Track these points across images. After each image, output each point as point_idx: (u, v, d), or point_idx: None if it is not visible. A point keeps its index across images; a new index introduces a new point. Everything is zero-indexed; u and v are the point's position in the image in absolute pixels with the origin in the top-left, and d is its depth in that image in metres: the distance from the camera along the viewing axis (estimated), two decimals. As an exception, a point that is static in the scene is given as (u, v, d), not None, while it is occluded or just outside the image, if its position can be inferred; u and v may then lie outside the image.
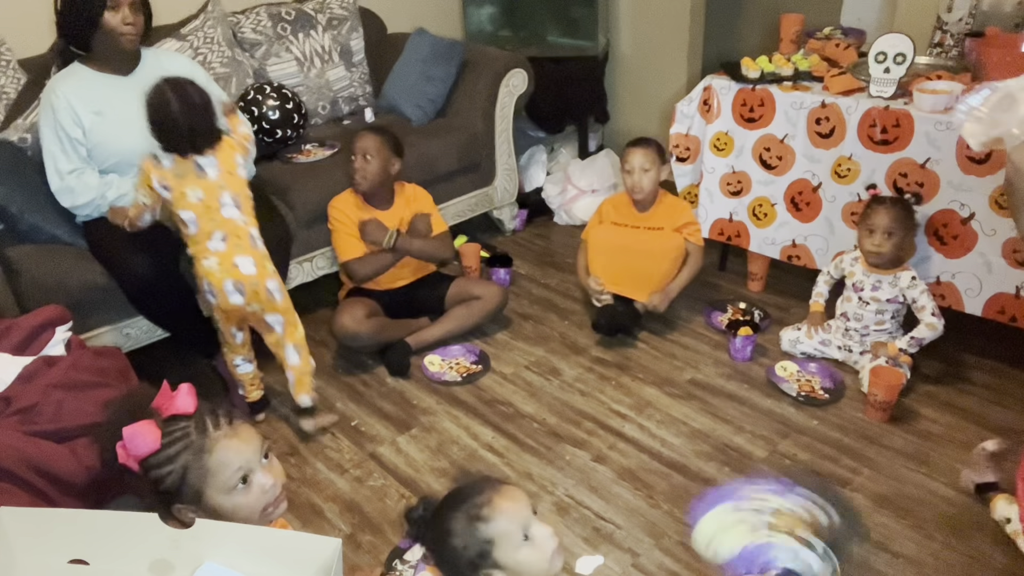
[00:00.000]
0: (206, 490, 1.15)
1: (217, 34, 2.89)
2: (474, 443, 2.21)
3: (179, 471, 1.14)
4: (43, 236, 2.31)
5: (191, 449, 1.15)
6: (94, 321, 2.31)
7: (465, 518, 1.13)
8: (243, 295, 2.05)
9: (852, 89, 2.40)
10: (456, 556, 1.13)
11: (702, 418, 2.24)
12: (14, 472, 1.42)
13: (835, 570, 1.28)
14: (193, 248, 2.06)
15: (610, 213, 2.70)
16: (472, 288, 2.68)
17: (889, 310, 2.29)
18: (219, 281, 2.03)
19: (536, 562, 1.13)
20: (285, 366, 2.18)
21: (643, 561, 1.80)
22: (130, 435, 1.11)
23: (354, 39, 3.27)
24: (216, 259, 2.03)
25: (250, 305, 2.07)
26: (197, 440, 1.15)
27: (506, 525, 1.12)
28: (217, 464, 1.15)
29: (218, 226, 2.02)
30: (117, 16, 2.19)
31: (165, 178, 2.01)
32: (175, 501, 1.15)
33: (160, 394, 1.18)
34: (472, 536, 1.12)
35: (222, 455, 1.15)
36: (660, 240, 2.58)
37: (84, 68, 2.29)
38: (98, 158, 2.29)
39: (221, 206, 2.02)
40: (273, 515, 1.22)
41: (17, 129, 2.42)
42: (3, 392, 1.62)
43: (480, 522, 1.12)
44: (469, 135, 3.11)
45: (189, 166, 2.00)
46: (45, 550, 1.05)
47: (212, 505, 1.16)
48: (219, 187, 2.02)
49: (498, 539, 1.11)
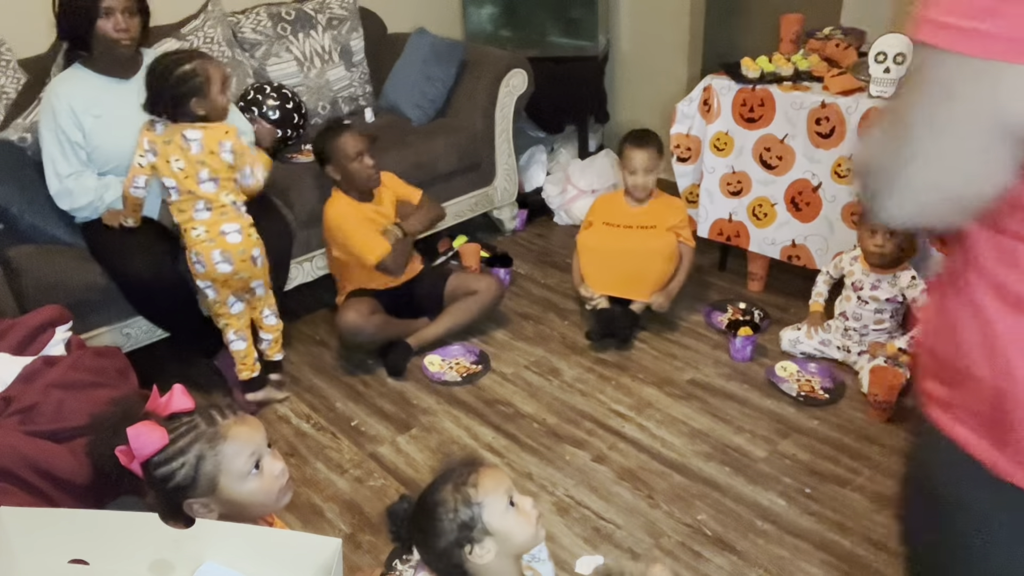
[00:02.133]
0: (221, 479, 1.16)
1: (217, 34, 2.89)
2: (474, 443, 2.21)
3: (192, 462, 1.14)
4: (43, 236, 2.31)
5: (204, 438, 1.16)
6: (94, 321, 2.31)
7: (452, 487, 1.17)
8: (231, 264, 2.13)
9: (852, 89, 2.40)
10: (443, 528, 1.15)
11: (702, 418, 2.24)
12: (14, 472, 1.42)
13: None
14: (179, 218, 2.14)
15: (602, 212, 2.70)
16: (469, 283, 2.68)
17: (888, 309, 2.29)
18: (207, 251, 2.11)
19: (524, 527, 1.18)
20: (262, 328, 2.36)
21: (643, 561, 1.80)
22: (135, 435, 1.11)
23: (354, 39, 3.27)
24: (204, 228, 2.12)
25: (238, 274, 2.16)
26: (208, 430, 1.17)
27: (493, 488, 1.17)
28: (232, 450, 1.17)
29: (198, 197, 2.11)
30: (109, 23, 2.19)
31: (155, 142, 2.09)
32: (187, 495, 1.15)
33: (152, 398, 1.19)
34: (461, 502, 1.15)
35: (236, 441, 1.17)
36: (652, 240, 2.58)
37: (85, 70, 2.29)
38: (97, 161, 2.29)
39: (199, 181, 2.09)
40: (284, 500, 1.24)
41: (17, 129, 2.42)
42: (3, 392, 1.62)
43: (468, 487, 1.16)
44: (469, 135, 3.11)
45: (176, 136, 2.08)
46: (45, 550, 1.05)
47: (226, 496, 1.17)
48: (198, 162, 2.09)
49: (486, 502, 1.15)
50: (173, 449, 1.14)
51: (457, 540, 1.15)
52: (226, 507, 1.18)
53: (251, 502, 1.20)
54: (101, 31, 2.20)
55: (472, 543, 1.15)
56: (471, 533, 1.15)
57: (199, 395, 2.44)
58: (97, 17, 2.18)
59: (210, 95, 2.07)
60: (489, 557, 1.15)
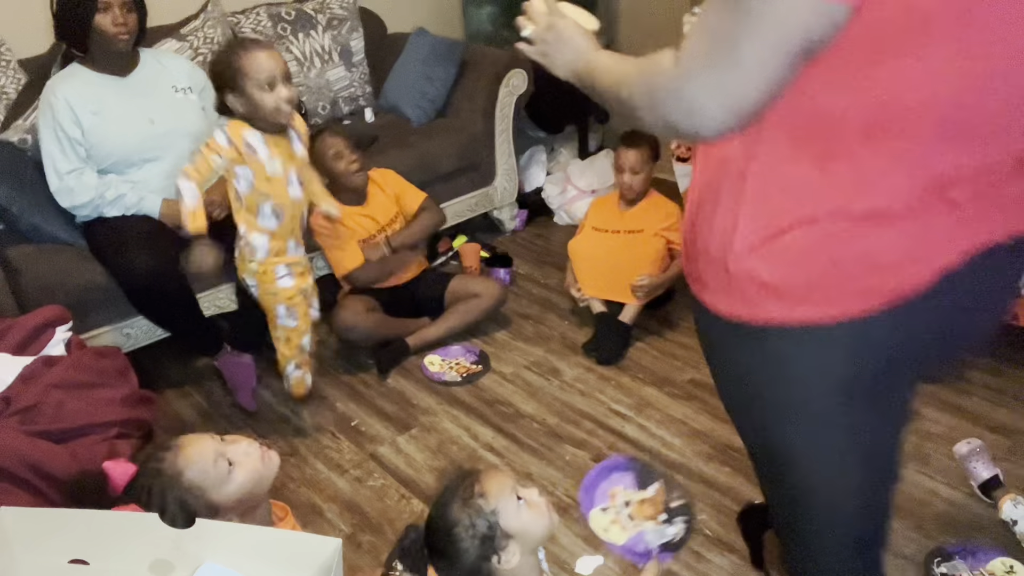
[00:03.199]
0: (211, 497, 1.17)
1: (217, 34, 2.89)
2: (474, 443, 2.21)
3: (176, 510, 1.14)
4: (43, 236, 2.31)
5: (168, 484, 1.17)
6: (94, 321, 2.32)
7: (462, 503, 1.16)
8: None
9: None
10: (466, 547, 1.14)
11: (702, 418, 2.24)
12: (14, 472, 1.42)
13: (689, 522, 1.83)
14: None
15: (593, 216, 2.71)
16: (471, 285, 2.68)
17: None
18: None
19: (539, 519, 1.18)
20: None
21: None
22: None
23: (354, 39, 3.27)
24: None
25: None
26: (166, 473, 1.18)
27: (500, 490, 1.17)
28: (197, 471, 1.18)
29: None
30: (107, 17, 2.20)
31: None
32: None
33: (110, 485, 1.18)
34: (476, 515, 1.15)
35: (193, 459, 1.19)
36: (637, 245, 2.57)
37: (83, 69, 2.30)
38: (97, 158, 2.29)
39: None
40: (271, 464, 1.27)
41: (17, 130, 2.42)
42: (3, 392, 1.62)
43: (478, 499, 1.16)
44: (469, 135, 3.11)
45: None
46: (45, 550, 1.05)
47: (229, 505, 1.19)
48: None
49: (500, 508, 1.15)
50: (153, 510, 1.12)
51: (482, 554, 1.14)
52: (236, 511, 1.19)
53: (247, 492, 1.21)
54: (99, 27, 2.20)
55: (497, 552, 1.14)
56: (494, 543, 1.14)
57: (199, 395, 2.47)
58: (95, 12, 2.19)
59: None
60: (516, 559, 1.15)
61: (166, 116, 2.36)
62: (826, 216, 0.86)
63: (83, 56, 2.31)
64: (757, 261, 0.90)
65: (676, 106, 0.83)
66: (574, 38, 1.08)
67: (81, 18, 2.19)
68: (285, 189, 1.94)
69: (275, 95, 1.82)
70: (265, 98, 1.82)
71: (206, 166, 1.88)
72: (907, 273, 0.87)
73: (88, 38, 2.24)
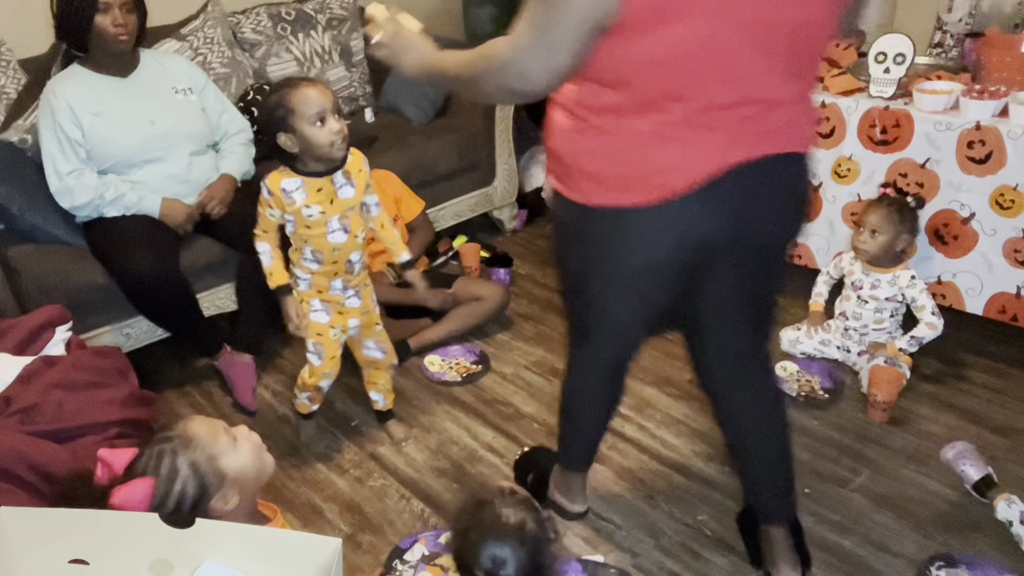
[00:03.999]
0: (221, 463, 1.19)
1: (217, 34, 2.89)
2: (474, 443, 2.21)
3: (188, 473, 1.15)
4: (43, 236, 2.31)
5: (179, 450, 1.17)
6: (94, 321, 2.31)
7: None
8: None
9: (852, 89, 2.40)
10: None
11: (702, 418, 2.24)
12: (14, 472, 1.42)
13: None
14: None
15: None
16: (474, 289, 2.68)
17: (888, 309, 2.29)
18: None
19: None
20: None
21: (643, 561, 1.80)
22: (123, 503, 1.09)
23: (354, 39, 3.27)
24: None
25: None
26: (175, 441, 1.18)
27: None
28: (206, 439, 1.19)
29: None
30: (107, 18, 2.20)
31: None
32: (206, 501, 1.17)
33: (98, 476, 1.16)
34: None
35: (201, 433, 1.20)
36: None
37: (83, 69, 2.30)
38: (97, 159, 2.29)
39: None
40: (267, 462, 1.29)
41: (17, 130, 2.42)
42: (3, 392, 1.62)
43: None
44: (469, 135, 3.11)
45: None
46: (45, 550, 1.05)
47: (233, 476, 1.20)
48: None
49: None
50: (164, 479, 1.14)
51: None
52: (236, 488, 1.20)
53: (252, 470, 1.23)
54: (99, 28, 2.21)
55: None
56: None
57: (199, 395, 2.47)
58: (95, 13, 2.19)
59: None
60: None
61: (166, 117, 2.36)
62: (623, 131, 1.24)
63: (83, 56, 2.31)
64: (584, 158, 1.29)
65: (511, 72, 1.18)
66: (416, 42, 1.40)
67: (81, 19, 2.19)
68: (324, 235, 1.89)
69: (327, 129, 1.79)
70: (318, 134, 1.78)
71: (267, 221, 1.89)
72: (679, 175, 1.23)
73: (88, 39, 2.24)
